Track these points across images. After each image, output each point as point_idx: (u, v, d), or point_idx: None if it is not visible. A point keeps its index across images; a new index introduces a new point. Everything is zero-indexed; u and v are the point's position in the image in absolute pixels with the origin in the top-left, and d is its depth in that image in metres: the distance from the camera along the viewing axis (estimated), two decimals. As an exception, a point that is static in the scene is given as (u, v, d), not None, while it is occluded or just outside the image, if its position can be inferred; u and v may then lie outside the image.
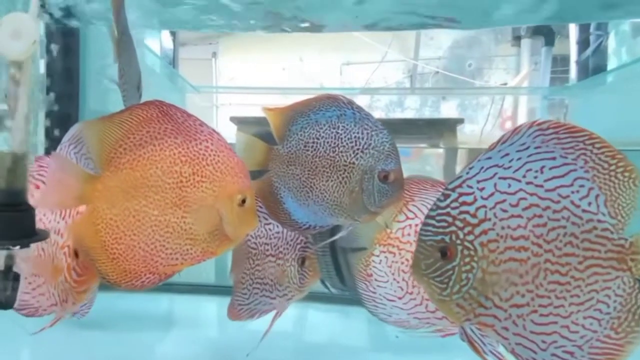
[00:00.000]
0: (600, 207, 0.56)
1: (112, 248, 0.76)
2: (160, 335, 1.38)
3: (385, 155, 0.84)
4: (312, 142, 0.89)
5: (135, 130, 0.76)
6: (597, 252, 0.56)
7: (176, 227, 0.76)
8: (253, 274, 1.01)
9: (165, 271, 0.78)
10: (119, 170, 0.76)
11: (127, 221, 0.76)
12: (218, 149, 0.76)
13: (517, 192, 0.57)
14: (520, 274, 0.57)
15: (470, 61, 5.23)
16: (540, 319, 0.57)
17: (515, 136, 0.56)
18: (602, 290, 0.56)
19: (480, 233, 0.57)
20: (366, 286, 0.88)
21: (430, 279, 0.59)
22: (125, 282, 0.77)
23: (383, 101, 5.63)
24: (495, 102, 5.08)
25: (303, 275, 0.98)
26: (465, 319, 0.58)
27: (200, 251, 0.78)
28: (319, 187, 0.88)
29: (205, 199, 0.76)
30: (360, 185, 0.85)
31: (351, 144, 0.86)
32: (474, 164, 0.58)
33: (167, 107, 0.77)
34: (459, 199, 0.58)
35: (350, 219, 0.89)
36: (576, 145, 0.56)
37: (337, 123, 0.87)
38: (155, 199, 0.76)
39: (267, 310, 1.03)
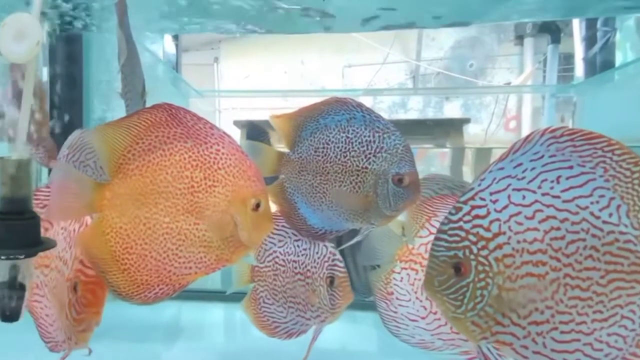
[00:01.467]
0: (622, 218, 0.53)
1: (123, 258, 0.73)
2: (168, 343, 1.37)
3: (398, 158, 0.82)
4: (323, 147, 0.87)
5: (144, 135, 0.74)
6: (620, 265, 0.53)
7: (189, 235, 0.73)
8: (285, 292, 0.98)
9: (179, 281, 0.75)
10: (128, 177, 0.73)
11: (138, 230, 0.73)
12: (230, 152, 0.74)
13: (533, 204, 0.54)
14: (538, 290, 0.54)
15: (472, 61, 5.20)
16: (562, 337, 0.54)
17: (527, 145, 0.54)
18: (626, 305, 0.53)
19: (495, 247, 0.55)
20: (387, 305, 0.85)
21: (443, 296, 0.56)
22: (137, 295, 0.74)
23: (386, 103, 5.61)
24: (499, 101, 5.04)
25: (333, 296, 0.93)
26: (482, 337, 0.56)
27: (214, 259, 0.75)
28: (332, 192, 0.86)
29: (218, 204, 0.73)
30: (375, 189, 0.83)
31: (362, 148, 0.84)
32: (486, 174, 0.56)
33: (176, 110, 0.74)
34: (471, 212, 0.55)
35: (366, 223, 0.87)
36: (594, 152, 0.53)
37: (347, 127, 0.85)
38: (166, 206, 0.73)
39: (303, 330, 1.00)
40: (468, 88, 5.23)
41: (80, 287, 0.70)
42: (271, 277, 0.99)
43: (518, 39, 5.06)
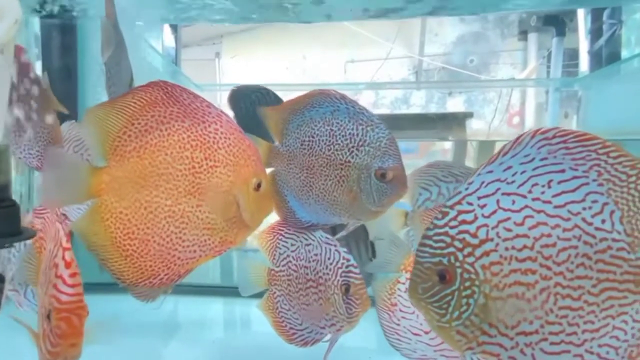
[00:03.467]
0: (616, 225, 0.51)
1: (125, 245, 0.71)
2: (166, 338, 1.36)
3: (382, 151, 0.79)
4: (308, 140, 0.85)
5: (140, 115, 0.71)
6: (613, 274, 0.50)
7: (192, 217, 0.71)
8: (298, 299, 0.96)
9: (184, 266, 0.73)
10: (126, 160, 0.71)
11: (139, 214, 0.71)
12: (228, 132, 0.71)
13: (523, 210, 0.52)
14: (527, 299, 0.52)
15: (473, 57, 5.15)
16: (551, 348, 0.52)
17: (517, 147, 0.51)
18: (618, 315, 0.51)
19: (482, 254, 0.52)
20: (389, 317, 0.83)
21: (428, 304, 0.54)
22: (142, 281, 0.71)
23: (388, 98, 5.56)
24: (502, 97, 4.99)
25: (350, 305, 0.88)
26: (467, 347, 0.54)
27: (219, 241, 0.73)
28: (317, 186, 0.84)
29: (221, 185, 0.71)
30: (358, 184, 0.80)
31: (346, 141, 0.81)
32: (474, 178, 0.53)
33: (172, 87, 0.72)
34: (457, 217, 0.53)
35: (352, 218, 0.85)
36: (588, 155, 0.50)
37: (332, 119, 0.83)
38: (167, 188, 0.70)
39: (318, 339, 0.98)
40: (469, 82, 5.17)
41: (53, 315, 0.62)
42: (286, 282, 0.97)
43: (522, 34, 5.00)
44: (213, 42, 5.86)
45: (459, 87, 5.17)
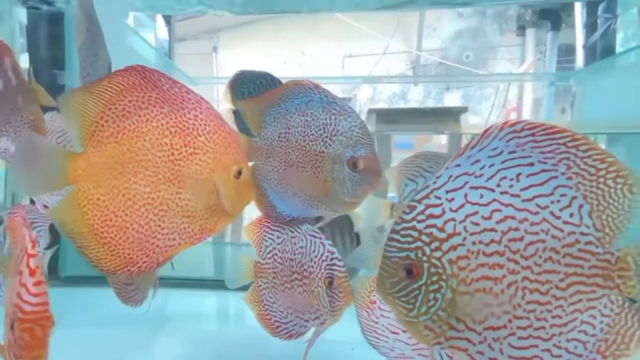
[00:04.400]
0: (584, 219, 0.50)
1: (102, 232, 0.70)
2: (159, 331, 1.36)
3: (354, 141, 0.78)
4: (285, 132, 0.84)
5: (117, 100, 0.69)
6: (580, 268, 0.50)
7: (171, 205, 0.70)
8: (284, 292, 0.95)
9: (163, 254, 0.72)
10: (103, 145, 0.70)
11: (117, 201, 0.69)
12: (208, 118, 0.70)
13: (491, 203, 0.51)
14: (495, 294, 0.51)
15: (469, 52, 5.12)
16: (519, 343, 0.51)
17: (485, 140, 0.50)
18: (586, 310, 0.50)
19: (449, 249, 0.51)
20: (368, 315, 0.81)
21: (395, 298, 0.53)
22: (120, 269, 0.70)
23: (386, 93, 5.54)
24: (499, 93, 4.97)
25: (333, 298, 0.87)
26: (436, 342, 0.53)
27: (198, 229, 0.72)
28: (295, 178, 0.83)
29: (201, 172, 0.70)
30: (332, 174, 0.79)
31: (320, 131, 0.80)
32: (442, 172, 0.52)
33: (150, 72, 0.70)
34: (425, 212, 0.52)
35: (329, 210, 0.84)
36: (557, 148, 0.49)
37: (306, 110, 0.82)
38: (145, 175, 0.69)
39: (302, 332, 0.97)
40: (464, 76, 5.15)
41: (17, 325, 0.58)
42: (272, 274, 0.96)
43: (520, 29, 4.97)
44: (210, 36, 5.83)
45: (451, 80, 5.15)
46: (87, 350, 1.17)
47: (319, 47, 5.35)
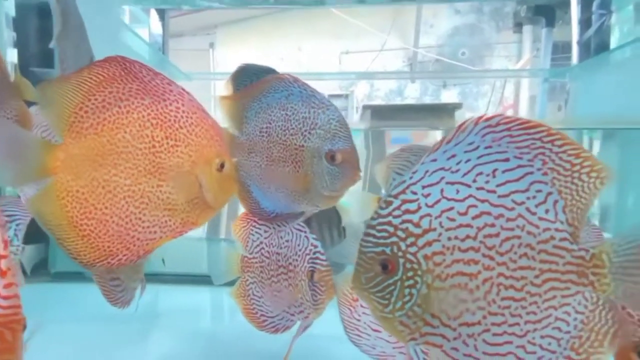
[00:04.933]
0: (559, 215, 0.49)
1: (82, 224, 0.69)
2: (149, 327, 1.36)
3: (332, 134, 0.78)
4: (266, 127, 0.84)
5: (97, 91, 0.69)
6: (555, 264, 0.49)
7: (152, 197, 0.69)
8: (270, 285, 0.95)
9: (143, 247, 0.71)
10: (83, 136, 0.69)
11: (97, 193, 0.69)
12: (190, 110, 0.70)
13: (467, 199, 0.50)
14: (470, 290, 0.50)
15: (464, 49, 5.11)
16: (494, 339, 0.51)
17: (461, 134, 0.50)
18: (560, 306, 0.49)
19: (425, 244, 0.51)
20: (350, 312, 0.81)
21: (371, 294, 0.53)
22: (100, 262, 0.70)
23: (383, 90, 5.54)
24: (495, 90, 4.97)
25: (315, 292, 0.88)
26: (410, 338, 0.53)
27: (180, 222, 0.71)
28: (277, 173, 0.83)
29: (182, 165, 0.69)
30: (312, 168, 0.79)
31: (299, 125, 0.80)
32: (419, 167, 0.52)
33: (131, 63, 0.69)
34: (401, 207, 0.52)
35: (311, 205, 0.83)
36: (532, 143, 0.49)
37: (286, 104, 0.82)
38: (126, 167, 0.68)
39: (288, 326, 0.97)
40: (459, 72, 5.15)
41: None
42: (258, 268, 0.96)
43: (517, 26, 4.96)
44: (207, 33, 5.80)
45: (444, 77, 5.15)
46: (77, 347, 1.17)
47: (316, 44, 5.34)
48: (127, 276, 1.02)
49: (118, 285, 1.02)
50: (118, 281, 1.02)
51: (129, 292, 1.04)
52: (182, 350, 1.17)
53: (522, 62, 4.62)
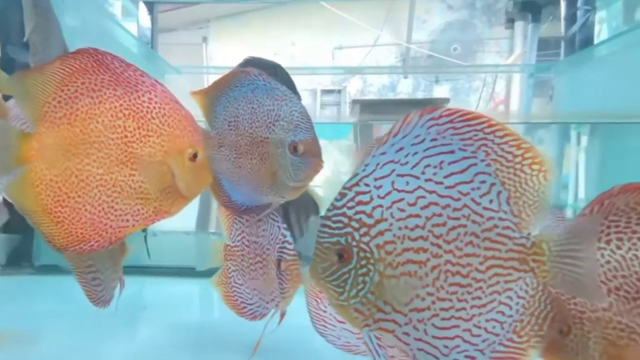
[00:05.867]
0: (502, 205, 0.52)
1: (56, 211, 0.71)
2: (134, 319, 1.38)
3: (294, 125, 0.80)
4: (234, 120, 0.86)
5: (69, 82, 0.70)
6: (498, 251, 0.52)
7: (124, 186, 0.71)
8: (249, 274, 0.97)
9: (116, 234, 0.73)
10: (56, 126, 0.70)
11: (70, 182, 0.71)
12: (163, 101, 0.71)
13: (416, 190, 0.52)
14: (419, 277, 0.53)
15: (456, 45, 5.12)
16: (442, 323, 0.53)
17: (406, 127, 0.52)
18: (504, 292, 0.52)
19: (377, 234, 0.53)
20: (317, 304, 0.84)
21: (327, 282, 0.55)
22: (72, 247, 0.72)
23: (376, 85, 5.55)
24: (487, 85, 4.99)
25: (282, 280, 0.90)
26: (365, 324, 0.55)
27: (152, 211, 0.73)
28: (245, 166, 0.85)
29: (154, 155, 0.71)
30: (276, 159, 0.81)
31: (264, 117, 0.82)
32: (370, 160, 0.54)
33: (103, 55, 0.71)
34: (355, 199, 0.54)
35: (277, 196, 0.85)
36: (475, 135, 0.51)
37: (252, 97, 0.83)
38: (99, 157, 0.70)
39: (264, 314, 1.00)
40: (447, 67, 5.16)
41: None
42: (240, 257, 0.99)
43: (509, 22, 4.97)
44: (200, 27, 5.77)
45: (433, 72, 5.16)
46: (62, 339, 1.18)
47: (309, 39, 5.33)
48: (106, 275, 1.03)
49: (98, 284, 1.04)
50: (98, 280, 1.04)
51: (109, 291, 1.06)
52: (167, 342, 1.19)
53: (512, 58, 4.64)
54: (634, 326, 0.50)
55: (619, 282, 0.51)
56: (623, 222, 0.52)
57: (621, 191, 0.53)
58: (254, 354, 0.95)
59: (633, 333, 0.50)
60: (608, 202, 0.53)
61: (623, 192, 0.53)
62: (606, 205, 0.53)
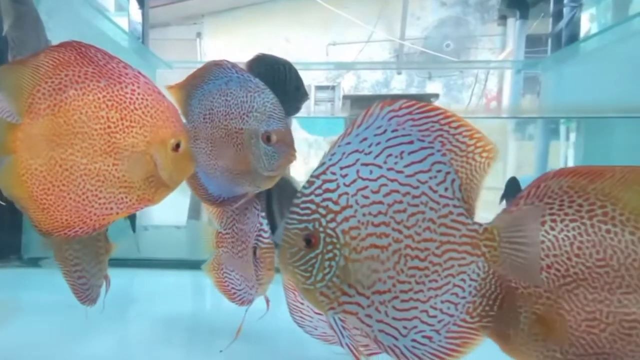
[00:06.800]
0: (456, 192, 0.55)
1: (42, 199, 0.74)
2: (123, 312, 1.39)
3: (267, 116, 0.82)
4: (209, 113, 0.87)
5: (53, 74, 0.72)
6: (453, 237, 0.55)
7: (108, 176, 0.74)
8: (238, 260, 0.99)
9: (100, 221, 0.76)
10: (40, 117, 0.73)
11: (54, 171, 0.73)
12: (146, 93, 0.73)
13: (379, 179, 0.55)
14: (381, 261, 0.56)
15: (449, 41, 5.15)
16: (402, 305, 0.56)
17: (369, 119, 0.55)
18: (458, 274, 0.55)
19: (342, 220, 0.56)
20: (294, 296, 0.86)
21: (295, 267, 0.58)
22: (57, 232, 0.75)
23: (369, 82, 5.57)
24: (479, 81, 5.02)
25: (257, 268, 0.93)
26: (330, 307, 0.58)
27: (136, 199, 0.76)
28: (220, 158, 0.87)
29: (137, 145, 0.73)
30: (251, 150, 0.83)
31: (238, 109, 0.84)
32: (335, 149, 0.56)
33: (86, 48, 0.73)
34: (322, 186, 0.57)
35: (253, 186, 0.87)
36: (432, 126, 0.54)
37: (226, 90, 0.85)
38: (82, 147, 0.73)
39: (249, 300, 1.02)
40: (437, 63, 5.19)
41: None
42: (231, 244, 1.01)
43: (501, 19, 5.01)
44: (194, 22, 5.76)
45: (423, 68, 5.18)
46: (51, 332, 1.20)
47: (303, 35, 5.34)
48: (92, 274, 1.05)
49: (85, 283, 1.06)
50: (84, 279, 1.05)
51: (95, 289, 1.08)
52: (156, 332, 1.21)
53: (504, 55, 4.68)
54: (562, 302, 0.54)
55: (551, 261, 0.54)
56: (556, 205, 0.56)
57: (555, 175, 0.56)
58: (237, 338, 0.97)
59: (560, 309, 0.54)
60: (544, 185, 0.56)
61: (557, 176, 0.56)
62: (542, 188, 0.56)
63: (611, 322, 0.53)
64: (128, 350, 1.16)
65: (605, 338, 0.53)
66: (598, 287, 0.53)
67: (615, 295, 0.52)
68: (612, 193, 0.53)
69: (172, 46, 5.34)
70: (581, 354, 0.54)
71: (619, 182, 0.53)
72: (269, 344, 1.10)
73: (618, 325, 0.53)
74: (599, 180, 0.54)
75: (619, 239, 0.52)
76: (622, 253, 0.52)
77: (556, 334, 0.53)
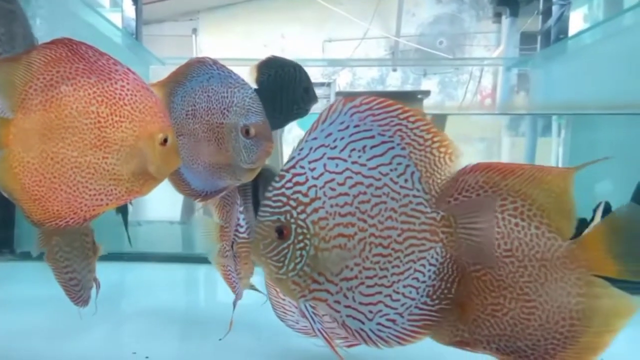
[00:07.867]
0: (415, 184, 0.59)
1: (33, 191, 0.77)
2: (116, 305, 1.42)
3: (246, 110, 0.86)
4: (191, 109, 0.90)
5: (45, 71, 0.75)
6: (413, 224, 0.59)
7: (98, 168, 0.77)
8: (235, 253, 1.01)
9: (90, 212, 0.79)
10: (32, 112, 0.76)
11: (46, 164, 0.76)
12: (135, 89, 0.76)
13: (344, 172, 0.59)
14: (348, 249, 0.59)
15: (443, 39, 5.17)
16: (367, 290, 0.60)
17: (333, 115, 0.58)
18: (418, 260, 0.59)
19: (312, 211, 0.60)
20: (277, 293, 0.89)
21: (267, 258, 0.61)
22: (48, 222, 0.78)
23: (365, 79, 5.59)
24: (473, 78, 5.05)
25: (236, 262, 0.96)
26: (301, 295, 0.61)
27: (125, 191, 0.79)
28: (203, 152, 0.90)
29: (126, 139, 0.76)
30: (231, 143, 0.86)
31: (219, 104, 0.87)
32: (303, 144, 0.60)
33: (77, 45, 0.76)
34: (292, 180, 0.60)
35: (234, 179, 0.91)
36: (391, 121, 0.57)
37: (208, 86, 0.89)
38: (73, 141, 0.76)
39: (240, 294, 1.03)
40: (430, 60, 5.21)
41: None
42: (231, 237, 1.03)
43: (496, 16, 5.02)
44: (190, 18, 5.76)
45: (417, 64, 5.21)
46: (44, 325, 1.22)
47: (299, 31, 5.35)
48: (82, 275, 1.08)
49: (76, 284, 1.08)
50: (75, 280, 1.08)
51: (86, 290, 1.10)
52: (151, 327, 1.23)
53: (497, 52, 4.70)
54: (471, 287, 0.59)
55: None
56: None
57: (472, 170, 0.60)
58: (230, 328, 1.01)
59: (470, 293, 0.59)
60: (461, 179, 0.60)
61: (473, 171, 0.60)
62: (459, 182, 0.60)
63: (513, 307, 0.58)
64: (120, 342, 1.19)
65: (507, 322, 0.58)
66: (503, 275, 0.57)
67: (518, 283, 0.57)
68: (522, 190, 0.57)
69: (168, 42, 5.35)
70: (486, 335, 0.59)
71: (528, 180, 0.57)
72: (255, 335, 1.13)
73: (519, 311, 0.57)
74: (510, 177, 0.58)
75: (525, 233, 0.57)
76: (526, 245, 0.57)
77: (466, 315, 0.58)
